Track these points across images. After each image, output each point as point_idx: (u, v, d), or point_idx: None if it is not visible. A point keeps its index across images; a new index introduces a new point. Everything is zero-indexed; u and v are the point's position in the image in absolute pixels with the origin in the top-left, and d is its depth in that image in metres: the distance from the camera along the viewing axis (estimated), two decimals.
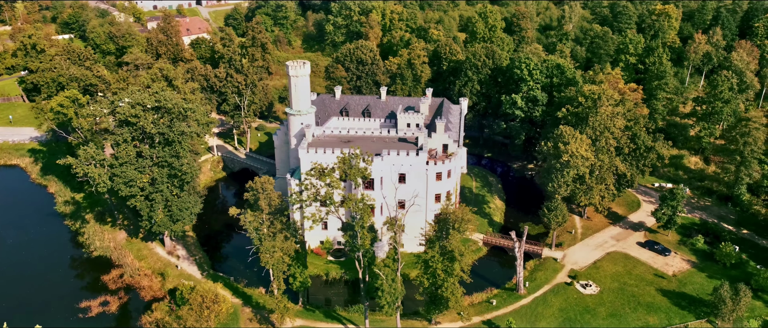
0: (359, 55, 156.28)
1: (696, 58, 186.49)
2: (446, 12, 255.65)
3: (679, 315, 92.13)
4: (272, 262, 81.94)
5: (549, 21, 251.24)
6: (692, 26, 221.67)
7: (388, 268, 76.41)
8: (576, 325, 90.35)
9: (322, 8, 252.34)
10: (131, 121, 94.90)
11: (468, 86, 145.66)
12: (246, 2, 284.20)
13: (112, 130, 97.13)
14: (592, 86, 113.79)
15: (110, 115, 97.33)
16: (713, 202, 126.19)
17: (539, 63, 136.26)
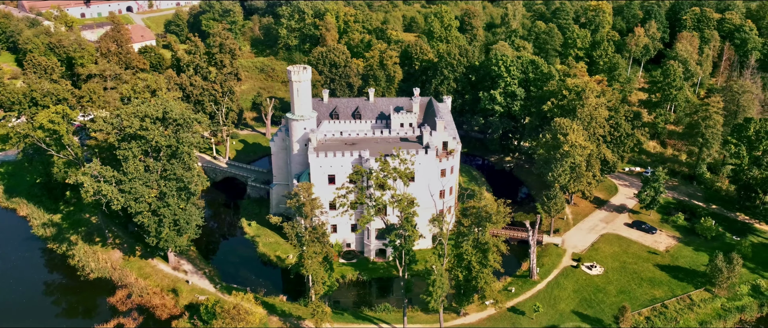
0: (332, 57, 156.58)
1: (636, 50, 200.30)
2: (388, 12, 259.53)
3: (680, 287, 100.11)
4: (313, 267, 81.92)
5: (490, 19, 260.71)
6: (623, 21, 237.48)
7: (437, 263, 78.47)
8: (592, 304, 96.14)
9: (269, 12, 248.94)
10: (140, 134, 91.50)
11: (444, 85, 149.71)
12: (187, 6, 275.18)
13: (118, 144, 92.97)
14: (575, 79, 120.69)
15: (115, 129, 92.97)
16: (679, 182, 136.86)
17: (514, 59, 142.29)
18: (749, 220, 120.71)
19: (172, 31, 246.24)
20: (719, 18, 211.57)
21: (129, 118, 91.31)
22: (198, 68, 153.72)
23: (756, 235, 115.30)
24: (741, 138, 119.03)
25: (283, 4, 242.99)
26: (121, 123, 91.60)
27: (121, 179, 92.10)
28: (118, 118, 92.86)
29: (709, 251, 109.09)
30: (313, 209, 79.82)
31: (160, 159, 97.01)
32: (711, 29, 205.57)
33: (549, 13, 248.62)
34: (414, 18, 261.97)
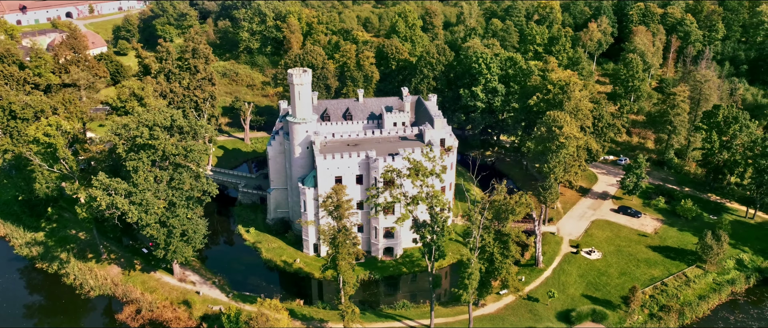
0: (310, 59, 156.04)
1: (590, 45, 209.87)
2: (341, 13, 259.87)
3: (674, 265, 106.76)
4: (345, 268, 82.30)
5: (445, 18, 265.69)
6: (570, 17, 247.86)
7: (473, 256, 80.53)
8: (598, 287, 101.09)
9: (224, 15, 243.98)
10: (151, 144, 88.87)
11: (424, 83, 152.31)
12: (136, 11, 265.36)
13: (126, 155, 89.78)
14: (560, 74, 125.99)
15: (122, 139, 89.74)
16: (651, 168, 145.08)
17: (493, 57, 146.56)
18: (720, 199, 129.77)
19: (123, 37, 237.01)
20: (662, 13, 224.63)
21: (138, 127, 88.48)
22: (170, 74, 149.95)
23: (729, 213, 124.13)
24: (710, 124, 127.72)
25: (239, 6, 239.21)
26: (130, 133, 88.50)
27: (131, 191, 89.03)
28: (125, 127, 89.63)
29: (692, 231, 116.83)
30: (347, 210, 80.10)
31: (166, 168, 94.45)
32: (656, 23, 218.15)
33: (501, 11, 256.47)
34: (368, 18, 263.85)
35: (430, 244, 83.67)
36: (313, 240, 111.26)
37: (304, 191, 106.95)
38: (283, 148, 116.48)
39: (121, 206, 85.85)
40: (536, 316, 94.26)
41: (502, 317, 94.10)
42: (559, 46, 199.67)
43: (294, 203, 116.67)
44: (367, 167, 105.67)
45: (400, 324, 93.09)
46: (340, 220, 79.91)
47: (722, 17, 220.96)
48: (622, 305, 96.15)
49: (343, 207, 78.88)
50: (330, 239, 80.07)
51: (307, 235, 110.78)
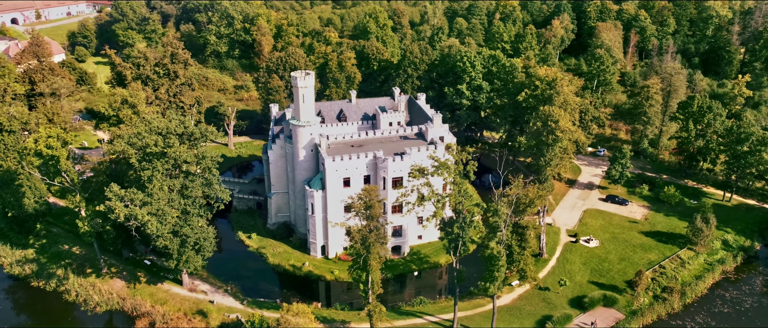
0: (292, 62, 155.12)
1: (555, 41, 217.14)
2: (301, 14, 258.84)
3: (668, 249, 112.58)
4: (376, 269, 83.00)
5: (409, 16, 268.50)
6: (528, 15, 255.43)
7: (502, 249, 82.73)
8: (602, 273, 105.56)
9: (186, 19, 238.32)
10: (166, 152, 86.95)
11: (408, 83, 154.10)
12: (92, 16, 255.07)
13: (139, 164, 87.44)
14: (547, 70, 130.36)
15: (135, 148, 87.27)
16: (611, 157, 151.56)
17: (476, 55, 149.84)
18: (697, 185, 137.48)
19: (80, 44, 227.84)
20: (618, 9, 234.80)
21: (151, 135, 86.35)
22: (148, 80, 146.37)
23: (707, 197, 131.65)
24: (686, 114, 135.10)
25: (201, 9, 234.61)
26: (143, 141, 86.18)
27: (146, 201, 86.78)
28: (137, 136, 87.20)
29: (677, 216, 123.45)
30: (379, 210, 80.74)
31: (176, 176, 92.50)
32: (613, 19, 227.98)
33: (463, 10, 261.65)
34: (330, 19, 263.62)
35: (455, 239, 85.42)
36: (321, 242, 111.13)
37: (312, 194, 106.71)
38: (283, 152, 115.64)
39: (141, 218, 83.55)
40: (550, 304, 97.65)
41: (518, 308, 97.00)
42: (526, 44, 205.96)
43: (297, 206, 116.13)
44: (375, 167, 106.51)
45: (423, 321, 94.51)
46: (372, 220, 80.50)
47: (672, 12, 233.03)
48: (628, 289, 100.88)
49: (375, 207, 79.54)
50: (361, 240, 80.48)
51: (314, 237, 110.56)
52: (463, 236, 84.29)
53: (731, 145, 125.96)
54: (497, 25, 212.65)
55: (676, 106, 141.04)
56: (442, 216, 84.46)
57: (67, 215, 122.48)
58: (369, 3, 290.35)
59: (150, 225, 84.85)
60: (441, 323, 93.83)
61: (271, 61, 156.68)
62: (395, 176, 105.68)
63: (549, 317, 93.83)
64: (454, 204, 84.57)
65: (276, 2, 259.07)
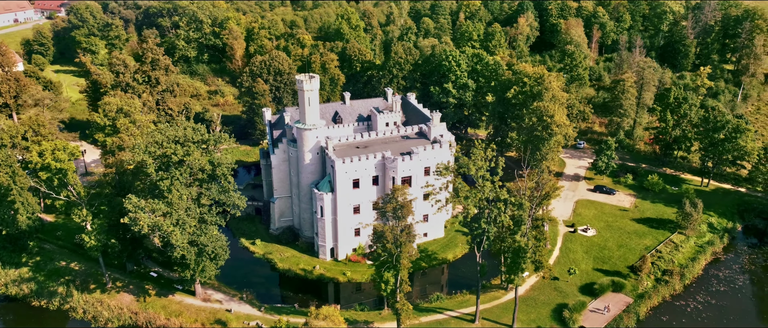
0: (277, 66, 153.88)
1: (521, 39, 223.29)
2: (263, 16, 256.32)
3: (660, 234, 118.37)
4: (406, 267, 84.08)
5: None
6: (489, 14, 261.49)
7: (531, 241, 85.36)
8: (604, 260, 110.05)
9: (148, 23, 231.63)
10: (184, 160, 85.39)
11: (393, 83, 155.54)
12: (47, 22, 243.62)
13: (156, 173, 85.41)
14: (536, 68, 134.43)
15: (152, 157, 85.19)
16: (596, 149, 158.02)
17: (460, 54, 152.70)
18: (674, 172, 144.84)
19: (36, 52, 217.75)
20: (578, 6, 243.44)
21: (170, 144, 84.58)
22: (127, 88, 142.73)
23: (686, 183, 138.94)
24: (664, 105, 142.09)
25: (164, 14, 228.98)
26: (162, 150, 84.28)
27: (167, 211, 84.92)
28: (155, 144, 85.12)
29: (662, 202, 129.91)
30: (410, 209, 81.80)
31: (191, 184, 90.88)
32: (573, 17, 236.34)
33: (427, 9, 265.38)
34: (294, 21, 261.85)
35: (480, 235, 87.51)
36: (331, 245, 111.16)
37: (321, 197, 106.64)
38: (286, 157, 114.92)
39: (166, 228, 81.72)
40: (562, 293, 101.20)
41: (533, 298, 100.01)
42: (495, 42, 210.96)
43: (302, 210, 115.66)
44: (383, 167, 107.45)
45: (444, 316, 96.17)
46: (403, 219, 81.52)
47: (627, 9, 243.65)
48: (631, 274, 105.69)
49: (407, 207, 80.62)
50: (393, 239, 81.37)
51: (324, 240, 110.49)
52: (488, 231, 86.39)
53: (708, 133, 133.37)
54: (466, 25, 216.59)
55: (653, 98, 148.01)
56: (474, 212, 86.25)
57: (58, 231, 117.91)
58: (330, 3, 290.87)
59: (173, 236, 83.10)
60: (462, 317, 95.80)
61: (253, 64, 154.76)
62: (404, 175, 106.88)
63: (564, 305, 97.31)
64: (476, 201, 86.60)
65: (241, 4, 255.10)
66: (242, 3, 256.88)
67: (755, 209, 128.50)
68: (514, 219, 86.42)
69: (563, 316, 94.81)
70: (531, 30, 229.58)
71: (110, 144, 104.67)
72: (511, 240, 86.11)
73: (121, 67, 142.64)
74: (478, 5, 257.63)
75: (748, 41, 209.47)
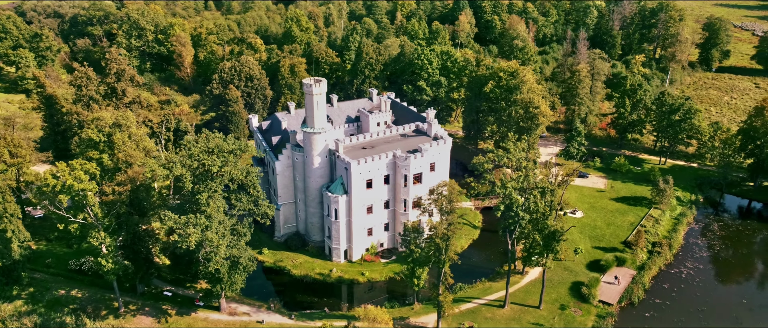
0: (247, 71, 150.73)
1: (462, 36, 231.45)
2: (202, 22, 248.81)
3: (640, 210, 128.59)
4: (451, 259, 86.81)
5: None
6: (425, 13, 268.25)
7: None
8: (600, 238, 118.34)
9: (79, 33, 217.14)
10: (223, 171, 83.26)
11: (366, 83, 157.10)
12: None
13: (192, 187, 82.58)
14: (509, 63, 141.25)
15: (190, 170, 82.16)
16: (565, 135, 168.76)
17: (429, 52, 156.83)
18: (632, 153, 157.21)
19: None
20: (509, 3, 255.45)
21: (208, 156, 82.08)
22: (91, 102, 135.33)
23: (646, 163, 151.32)
24: (621, 91, 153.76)
25: (94, 22, 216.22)
26: (201, 162, 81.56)
27: (208, 225, 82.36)
28: (191, 158, 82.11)
29: (632, 181, 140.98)
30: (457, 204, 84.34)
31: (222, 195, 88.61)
32: (505, 13, 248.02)
33: (363, 8, 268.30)
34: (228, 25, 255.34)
35: (514, 223, 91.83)
36: (344, 247, 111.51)
37: (336, 199, 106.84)
38: (290, 162, 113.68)
39: (215, 242, 79.27)
40: (572, 272, 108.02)
41: (548, 279, 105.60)
42: (440, 39, 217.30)
43: (310, 214, 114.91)
44: (395, 166, 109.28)
45: (473, 304, 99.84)
46: (451, 213, 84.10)
47: (553, 5, 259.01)
48: (626, 249, 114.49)
49: (455, 201, 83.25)
50: (441, 235, 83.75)
51: (338, 243, 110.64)
52: (523, 218, 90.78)
53: (664, 115, 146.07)
54: (411, 24, 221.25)
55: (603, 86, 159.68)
56: (519, 203, 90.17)
57: (47, 258, 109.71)
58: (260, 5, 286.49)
59: (220, 249, 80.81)
60: (490, 304, 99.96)
61: (223, 71, 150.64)
62: (416, 172, 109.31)
63: (579, 282, 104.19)
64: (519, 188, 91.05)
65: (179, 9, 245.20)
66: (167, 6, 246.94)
67: (711, 181, 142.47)
68: (550, 205, 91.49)
69: (582, 292, 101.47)
70: (470, 27, 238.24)
71: (109, 161, 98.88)
72: (544, 225, 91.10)
73: (83, 80, 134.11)
74: (414, 5, 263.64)
75: (664, 31, 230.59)
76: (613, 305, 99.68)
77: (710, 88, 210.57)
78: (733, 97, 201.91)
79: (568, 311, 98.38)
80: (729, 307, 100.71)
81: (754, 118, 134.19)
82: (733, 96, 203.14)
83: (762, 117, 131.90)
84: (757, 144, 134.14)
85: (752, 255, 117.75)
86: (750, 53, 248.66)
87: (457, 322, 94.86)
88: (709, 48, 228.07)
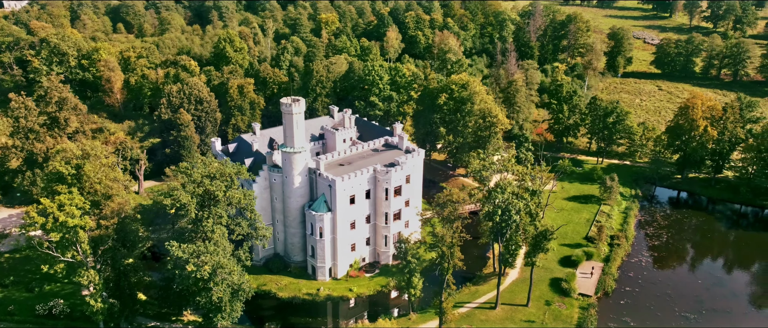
0: (197, 94, 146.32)
1: (391, 52, 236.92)
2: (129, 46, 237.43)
3: (592, 207, 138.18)
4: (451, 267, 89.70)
5: None
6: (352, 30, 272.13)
7: None
8: (564, 236, 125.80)
9: None
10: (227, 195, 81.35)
11: (318, 101, 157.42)
12: None
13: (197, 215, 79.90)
14: (460, 76, 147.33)
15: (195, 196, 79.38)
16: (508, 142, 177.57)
17: (379, 67, 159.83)
18: (570, 155, 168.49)
19: None
20: (430, 19, 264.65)
21: (211, 181, 79.89)
22: (30, 134, 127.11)
23: (586, 164, 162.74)
24: (558, 98, 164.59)
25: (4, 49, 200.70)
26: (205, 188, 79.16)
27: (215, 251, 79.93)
28: (194, 183, 79.41)
29: (578, 181, 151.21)
30: None
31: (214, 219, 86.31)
32: (427, 28, 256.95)
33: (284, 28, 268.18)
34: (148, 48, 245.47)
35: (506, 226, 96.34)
36: (329, 265, 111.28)
37: (321, 217, 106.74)
38: (268, 184, 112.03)
39: (228, 268, 77.11)
40: (548, 269, 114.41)
41: (527, 278, 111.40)
42: (372, 55, 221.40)
43: (291, 235, 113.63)
44: (375, 180, 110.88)
45: (466, 308, 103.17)
46: (457, 220, 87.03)
47: (470, 19, 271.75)
48: (590, 243, 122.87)
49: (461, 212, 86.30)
50: (448, 244, 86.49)
51: (322, 261, 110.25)
52: (514, 221, 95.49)
53: (599, 118, 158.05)
54: (342, 41, 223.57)
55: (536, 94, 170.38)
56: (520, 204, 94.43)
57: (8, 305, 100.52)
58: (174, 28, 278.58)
59: (233, 276, 78.70)
60: (482, 307, 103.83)
61: (172, 95, 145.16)
62: (396, 185, 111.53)
63: (556, 278, 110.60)
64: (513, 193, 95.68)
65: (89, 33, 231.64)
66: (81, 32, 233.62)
67: (644, 176, 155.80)
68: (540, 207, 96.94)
69: (562, 287, 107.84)
70: (398, 42, 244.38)
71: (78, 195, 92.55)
72: (533, 227, 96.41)
73: (22, 111, 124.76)
74: (338, 23, 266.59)
75: (574, 41, 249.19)
76: (591, 297, 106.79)
77: (621, 92, 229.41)
78: (642, 99, 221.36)
79: (553, 306, 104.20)
80: (689, 288, 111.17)
81: (679, 117, 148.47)
82: (642, 98, 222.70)
83: (686, 116, 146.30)
84: (683, 139, 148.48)
85: (695, 240, 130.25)
86: (646, 59, 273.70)
87: (457, 326, 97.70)
88: (615, 55, 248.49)
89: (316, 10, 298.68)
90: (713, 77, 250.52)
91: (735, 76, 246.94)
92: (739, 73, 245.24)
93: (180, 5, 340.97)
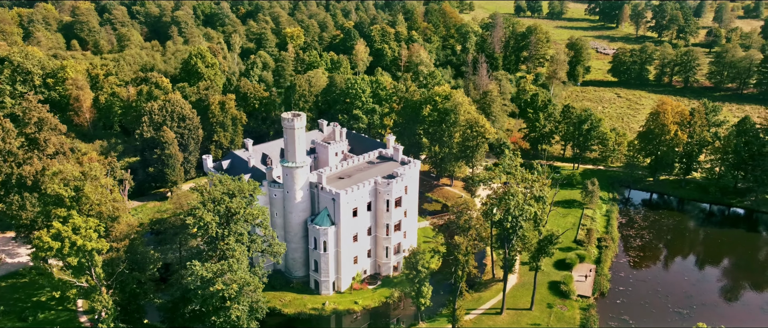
0: (179, 111, 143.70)
1: (361, 65, 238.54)
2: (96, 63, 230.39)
3: (576, 211, 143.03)
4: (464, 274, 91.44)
5: None
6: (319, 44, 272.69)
7: None
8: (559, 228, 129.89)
9: None
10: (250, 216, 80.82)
11: None
12: None
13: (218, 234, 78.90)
14: (443, 88, 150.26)
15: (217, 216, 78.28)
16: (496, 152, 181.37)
17: (360, 81, 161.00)
18: (546, 162, 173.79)
19: None
20: (395, 32, 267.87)
21: (231, 199, 79.13)
22: (8, 156, 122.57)
23: (563, 170, 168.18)
24: (534, 107, 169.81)
25: None
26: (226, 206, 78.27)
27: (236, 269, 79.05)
28: (212, 201, 78.38)
29: (558, 187, 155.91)
30: None
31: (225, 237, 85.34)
32: (393, 41, 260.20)
33: (249, 43, 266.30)
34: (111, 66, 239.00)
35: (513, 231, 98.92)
36: (333, 278, 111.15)
37: (325, 231, 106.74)
38: (268, 199, 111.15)
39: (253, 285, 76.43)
40: (545, 273, 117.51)
41: (527, 283, 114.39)
42: (343, 69, 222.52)
43: (292, 250, 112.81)
44: (376, 192, 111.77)
45: (472, 315, 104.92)
46: (470, 229, 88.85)
47: (433, 31, 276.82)
48: (579, 246, 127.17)
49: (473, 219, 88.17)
50: (464, 252, 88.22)
51: (327, 275, 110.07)
52: (522, 227, 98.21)
53: (575, 125, 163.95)
54: (312, 55, 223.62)
55: (523, 103, 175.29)
56: (531, 211, 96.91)
57: None
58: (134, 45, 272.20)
59: (258, 292, 77.97)
60: (488, 312, 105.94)
61: (153, 112, 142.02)
62: (397, 196, 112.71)
63: (555, 282, 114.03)
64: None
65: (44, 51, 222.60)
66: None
67: (619, 180, 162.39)
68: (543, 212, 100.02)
69: (561, 289, 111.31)
70: (366, 55, 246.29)
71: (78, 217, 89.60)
72: (538, 232, 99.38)
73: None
74: (303, 37, 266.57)
75: (535, 51, 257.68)
76: (590, 298, 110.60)
77: (583, 100, 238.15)
78: (604, 107, 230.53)
79: (555, 308, 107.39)
80: (677, 284, 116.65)
81: (650, 122, 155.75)
82: (604, 105, 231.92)
83: (657, 121, 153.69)
84: (654, 143, 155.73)
85: (674, 238, 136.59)
86: (603, 68, 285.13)
87: None
88: (575, 65, 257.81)
89: (279, 25, 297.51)
90: (666, 84, 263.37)
91: (686, 82, 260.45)
92: (689, 79, 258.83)
93: (136, 21, 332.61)
